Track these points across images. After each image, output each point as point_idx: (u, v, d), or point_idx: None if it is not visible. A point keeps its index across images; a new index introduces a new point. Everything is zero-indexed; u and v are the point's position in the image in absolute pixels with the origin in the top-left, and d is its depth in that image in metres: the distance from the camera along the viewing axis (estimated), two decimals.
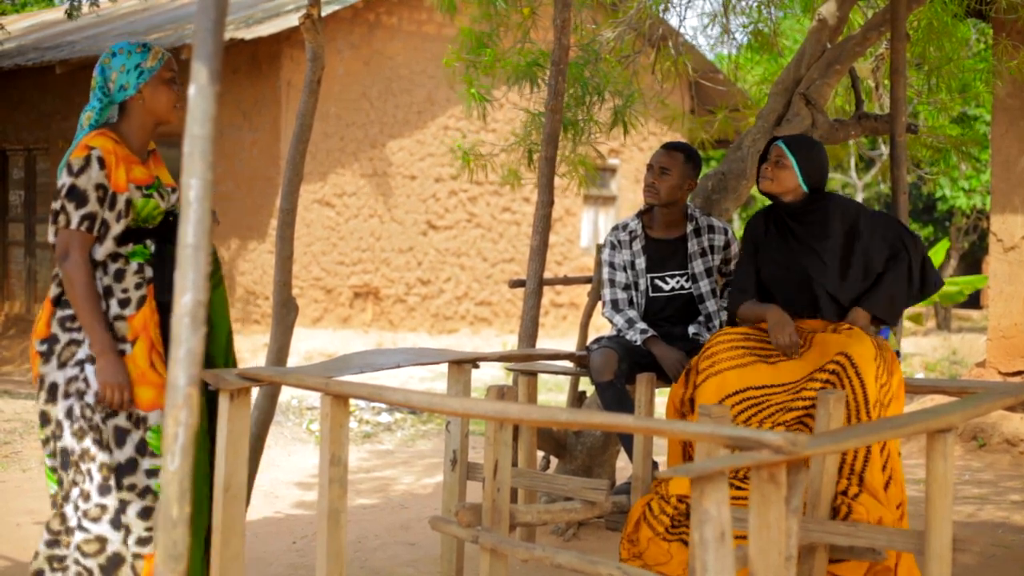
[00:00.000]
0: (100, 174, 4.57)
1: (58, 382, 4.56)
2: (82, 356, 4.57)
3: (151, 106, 4.78)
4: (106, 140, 4.65)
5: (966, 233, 27.08)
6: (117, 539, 4.55)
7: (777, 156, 5.66)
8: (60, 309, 4.62)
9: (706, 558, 3.22)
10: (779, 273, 5.70)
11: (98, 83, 4.76)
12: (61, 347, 4.58)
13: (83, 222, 4.55)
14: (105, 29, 19.63)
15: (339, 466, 4.61)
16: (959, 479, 9.11)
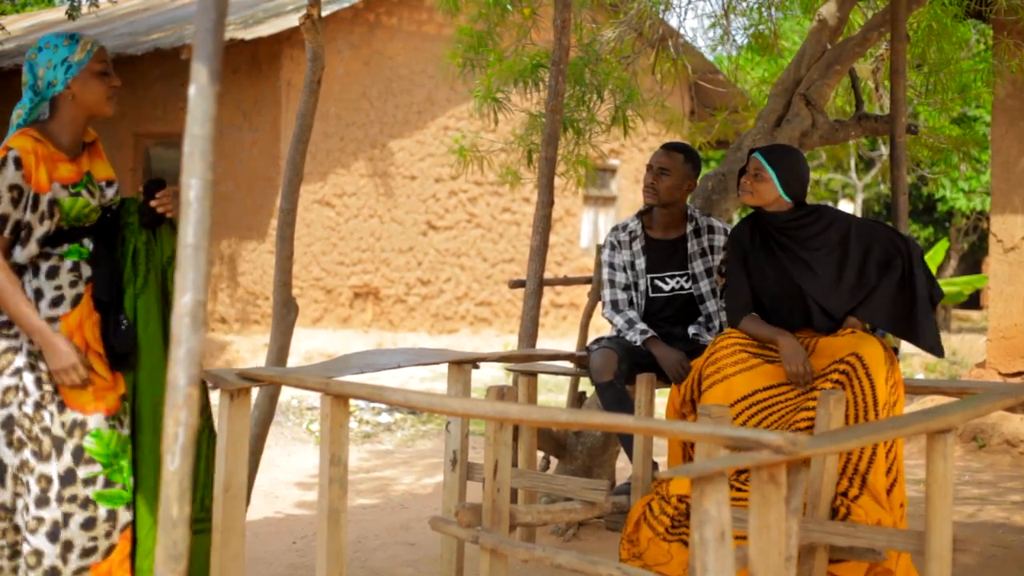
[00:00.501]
0: (16, 175, 4.36)
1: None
2: (19, 364, 4.39)
3: (82, 100, 4.56)
4: (25, 140, 4.44)
5: (966, 234, 27.10)
6: (53, 553, 4.36)
7: (755, 169, 5.61)
8: None
9: (706, 558, 3.23)
10: (769, 285, 5.68)
11: (28, 80, 4.55)
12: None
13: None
14: (105, 29, 19.64)
15: (339, 466, 4.61)
16: (959, 480, 9.12)
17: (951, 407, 4.29)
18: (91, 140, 4.74)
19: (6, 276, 4.34)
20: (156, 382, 4.49)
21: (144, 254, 4.60)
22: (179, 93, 17.35)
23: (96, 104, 4.59)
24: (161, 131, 18.12)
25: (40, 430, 4.37)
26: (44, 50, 4.53)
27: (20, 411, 4.37)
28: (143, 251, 4.56)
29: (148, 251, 4.62)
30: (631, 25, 9.11)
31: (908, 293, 5.54)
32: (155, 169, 18.58)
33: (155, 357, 4.55)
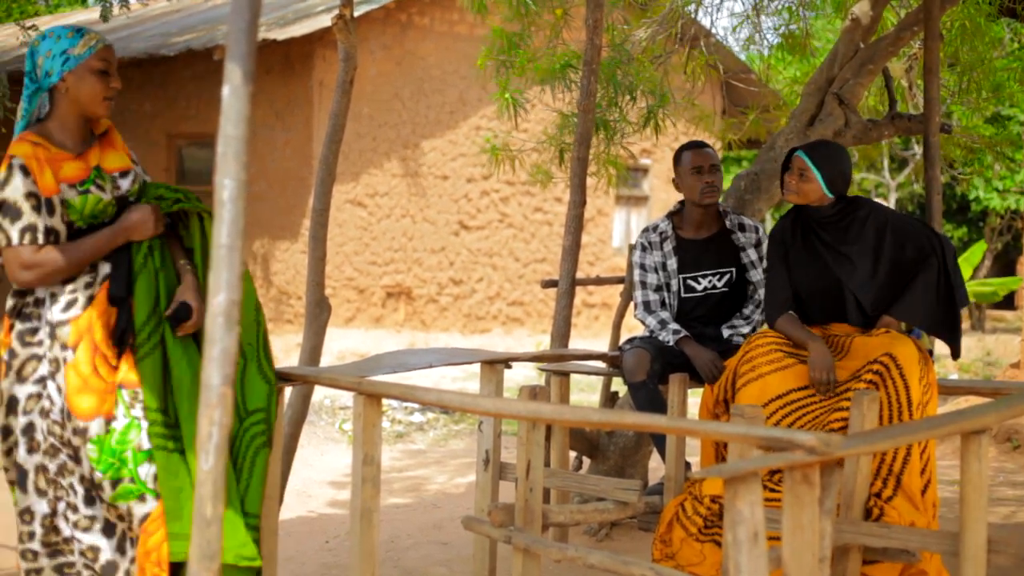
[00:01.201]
0: (27, 182, 4.25)
1: (18, 397, 4.34)
2: (43, 372, 4.33)
3: (75, 95, 4.41)
4: (24, 146, 4.32)
5: (1000, 234, 26.96)
6: (109, 547, 4.35)
7: (800, 168, 5.60)
8: (19, 322, 4.37)
9: (739, 559, 3.22)
10: (808, 279, 5.67)
11: (27, 67, 4.45)
12: (20, 362, 4.34)
13: (24, 234, 4.25)
14: (138, 30, 19.71)
15: (372, 465, 4.61)
16: (993, 481, 9.07)
17: (985, 408, 4.26)
18: (103, 131, 4.62)
19: (57, 251, 4.30)
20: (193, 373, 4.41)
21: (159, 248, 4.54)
22: (212, 93, 17.39)
23: (89, 102, 4.44)
24: (194, 131, 18.18)
25: (71, 433, 4.31)
26: (47, 39, 4.44)
27: (47, 419, 4.32)
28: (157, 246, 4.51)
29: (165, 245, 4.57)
30: (663, 24, 9.09)
31: (943, 292, 5.52)
32: (188, 169, 18.64)
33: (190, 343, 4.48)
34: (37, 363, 4.34)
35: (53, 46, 4.42)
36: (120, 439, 4.29)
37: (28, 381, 4.33)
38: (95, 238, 4.35)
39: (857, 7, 8.01)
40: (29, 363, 4.34)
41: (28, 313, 4.38)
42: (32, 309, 4.38)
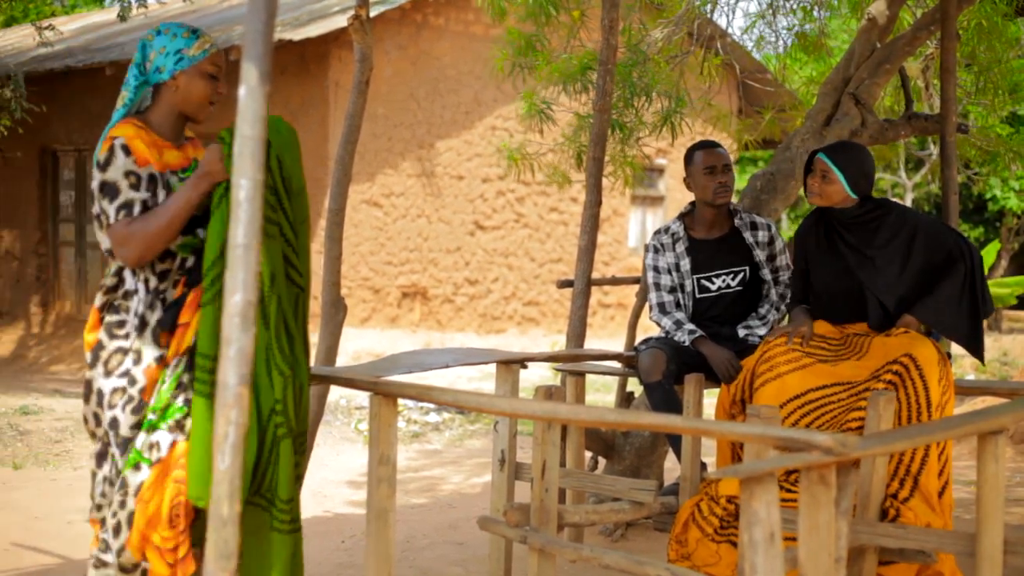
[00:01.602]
0: (127, 161, 4.32)
1: (104, 391, 4.38)
2: (128, 365, 4.36)
3: (184, 95, 4.49)
4: (127, 127, 4.39)
5: (1016, 234, 26.87)
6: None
7: (822, 171, 5.60)
8: (108, 314, 4.42)
9: (755, 559, 3.22)
10: (829, 279, 5.68)
11: (136, 59, 4.50)
12: (108, 354, 4.38)
13: (119, 212, 4.31)
14: None
15: (388, 465, 4.61)
16: (1010, 481, 9.05)
17: (1002, 408, 4.25)
18: (189, 136, 4.71)
19: (148, 217, 4.31)
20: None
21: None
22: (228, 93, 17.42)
23: (197, 104, 4.53)
24: (210, 131, 18.16)
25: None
26: (162, 35, 4.49)
27: (126, 412, 4.35)
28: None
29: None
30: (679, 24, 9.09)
31: (968, 299, 5.51)
32: None
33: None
34: (123, 356, 4.36)
35: (168, 43, 4.48)
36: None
37: (113, 374, 4.36)
38: (176, 195, 4.33)
39: (873, 7, 7.99)
40: (115, 356, 4.37)
41: (117, 306, 4.41)
42: (121, 302, 4.41)
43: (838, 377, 5.38)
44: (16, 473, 9.48)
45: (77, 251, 20.16)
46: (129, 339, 4.39)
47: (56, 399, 14.10)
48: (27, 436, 11.05)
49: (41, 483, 9.12)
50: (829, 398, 5.33)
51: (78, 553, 7.00)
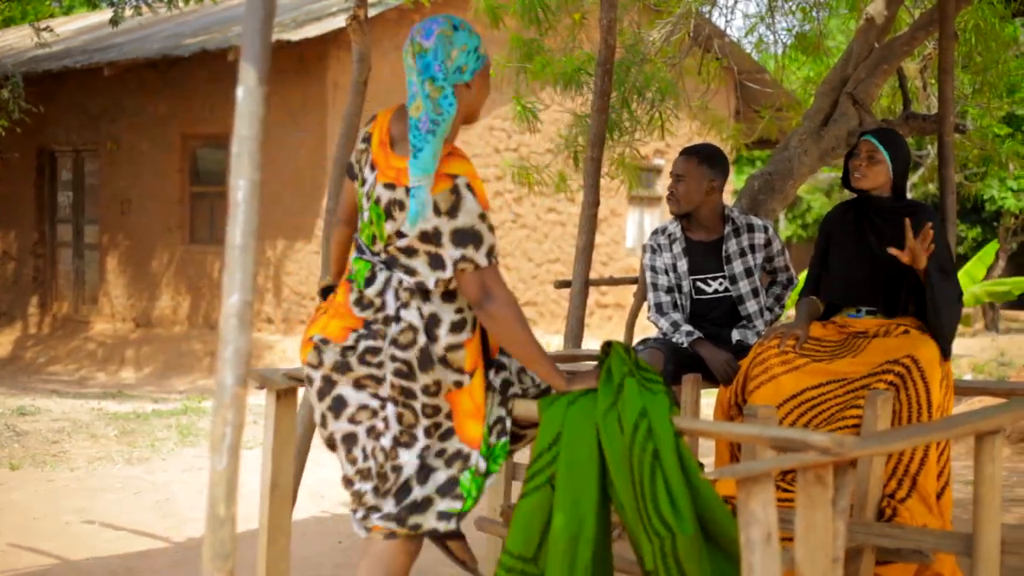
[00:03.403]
0: (475, 203, 3.94)
1: (348, 400, 4.08)
2: (385, 394, 4.06)
3: (476, 99, 4.11)
4: (466, 164, 4.00)
5: (1014, 233, 26.90)
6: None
7: (869, 151, 5.61)
8: (365, 340, 4.06)
9: (753, 560, 3.22)
10: (849, 260, 5.67)
11: (435, 59, 3.95)
12: (359, 376, 4.06)
13: (490, 258, 3.95)
14: (153, 31, 19.76)
15: None
16: (1007, 481, 9.06)
17: (1000, 408, 4.25)
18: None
19: (519, 312, 4.00)
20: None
21: None
22: (226, 94, 17.42)
23: (478, 109, 4.17)
24: (208, 132, 18.21)
25: (391, 468, 4.07)
26: (460, 31, 3.97)
27: (370, 438, 4.07)
28: None
29: None
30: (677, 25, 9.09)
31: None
32: (202, 170, 18.68)
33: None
34: (376, 384, 4.07)
35: (468, 40, 4.00)
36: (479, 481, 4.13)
37: (365, 391, 4.08)
38: (546, 359, 4.05)
39: (871, 7, 8.00)
40: (367, 380, 4.07)
41: (376, 331, 4.07)
42: (381, 327, 4.06)
43: (833, 374, 5.37)
44: (13, 474, 9.48)
45: (75, 252, 20.17)
46: (382, 368, 4.06)
47: (53, 400, 14.10)
48: (24, 437, 11.04)
49: (38, 484, 9.12)
50: (825, 396, 5.33)
51: (75, 554, 7.00)
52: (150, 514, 8.16)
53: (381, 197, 4.00)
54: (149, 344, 18.29)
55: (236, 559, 2.47)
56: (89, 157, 19.90)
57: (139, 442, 10.98)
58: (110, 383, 16.88)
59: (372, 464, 4.09)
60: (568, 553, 3.95)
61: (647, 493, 3.89)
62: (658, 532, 3.87)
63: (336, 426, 4.12)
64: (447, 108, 3.92)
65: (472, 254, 3.91)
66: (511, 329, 3.95)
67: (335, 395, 4.10)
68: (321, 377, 4.11)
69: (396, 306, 4.02)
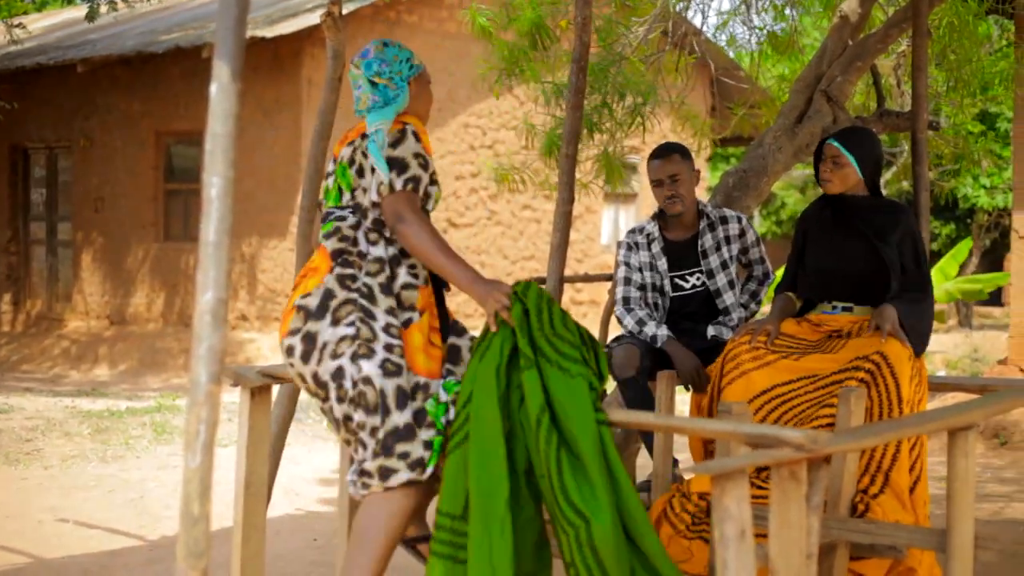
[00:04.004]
0: (417, 145, 4.55)
1: (329, 340, 4.36)
2: (357, 316, 4.37)
3: (419, 102, 4.76)
4: (414, 119, 4.64)
5: (988, 230, 27.01)
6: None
7: (833, 155, 5.59)
8: (340, 267, 4.46)
9: (727, 556, 3.23)
10: (825, 256, 5.67)
11: (376, 61, 4.66)
12: (338, 303, 4.40)
13: (407, 184, 4.48)
14: (126, 28, 19.69)
15: None
16: (981, 477, 9.10)
17: (972, 404, 4.28)
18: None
19: (432, 230, 4.44)
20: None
21: None
22: (200, 91, 17.36)
23: (423, 114, 4.79)
24: (182, 129, 18.16)
25: (363, 381, 4.32)
26: (389, 47, 4.70)
27: (352, 364, 4.33)
28: None
29: None
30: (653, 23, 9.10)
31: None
32: (176, 167, 18.64)
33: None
34: (352, 308, 4.40)
35: (398, 52, 4.70)
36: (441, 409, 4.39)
37: (341, 323, 4.37)
38: (452, 256, 4.44)
39: (845, 5, 8.02)
40: (345, 306, 4.40)
41: (351, 262, 4.49)
42: (355, 259, 4.50)
43: (804, 371, 5.38)
44: None
45: (48, 249, 20.09)
46: (357, 292, 4.47)
47: (27, 398, 14.05)
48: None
49: (11, 482, 9.09)
50: (796, 392, 5.34)
51: (49, 552, 6.98)
52: (124, 512, 8.14)
53: (343, 156, 4.65)
54: (123, 342, 18.24)
55: (210, 557, 2.47)
56: (63, 154, 19.83)
57: (113, 440, 10.95)
58: (84, 381, 16.83)
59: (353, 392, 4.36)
60: (484, 509, 4.17)
61: (556, 485, 4.09)
62: (572, 523, 4.03)
63: (322, 367, 4.39)
64: (400, 83, 4.65)
65: (393, 179, 4.46)
66: (423, 247, 4.38)
67: (319, 342, 4.39)
68: (302, 337, 4.41)
69: (367, 244, 4.51)
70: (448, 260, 4.40)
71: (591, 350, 4.39)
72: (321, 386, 4.39)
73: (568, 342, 4.32)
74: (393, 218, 4.43)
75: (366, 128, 4.61)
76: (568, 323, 4.40)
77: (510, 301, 4.36)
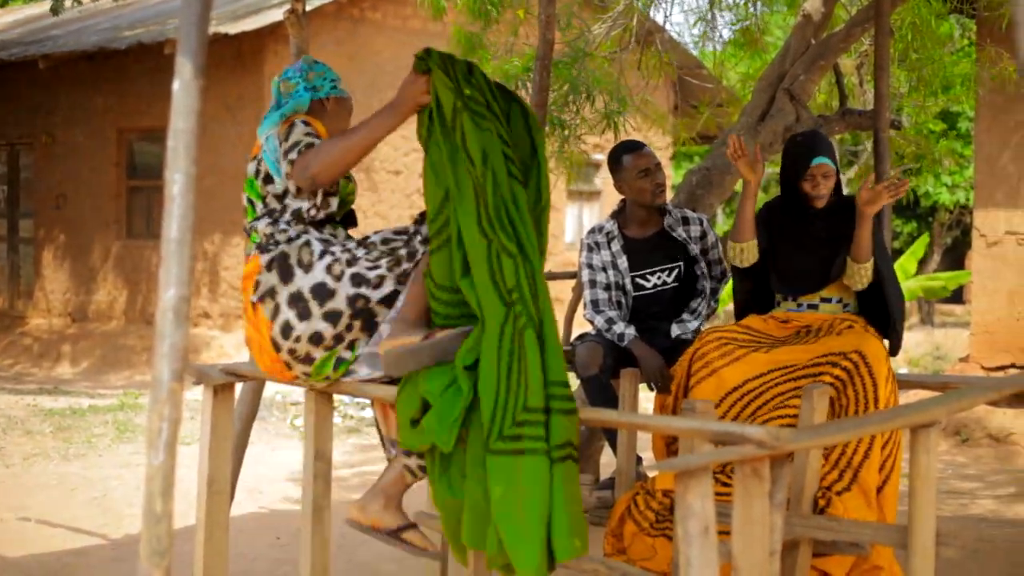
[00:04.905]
0: (306, 127, 4.54)
1: (321, 279, 4.40)
2: (320, 247, 4.46)
3: (335, 122, 4.81)
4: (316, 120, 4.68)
5: (949, 228, 27.17)
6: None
7: (824, 172, 5.64)
8: (271, 248, 4.48)
9: (690, 553, 3.23)
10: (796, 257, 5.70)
11: (294, 72, 4.79)
12: (295, 256, 4.44)
13: (293, 149, 4.48)
14: (89, 24, 19.60)
15: (323, 461, 4.61)
16: (943, 474, 9.14)
17: (934, 401, 4.29)
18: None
19: (327, 143, 4.47)
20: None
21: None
22: (163, 88, 17.29)
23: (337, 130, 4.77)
24: (145, 126, 18.08)
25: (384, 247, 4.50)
26: (318, 64, 4.83)
27: (357, 263, 4.44)
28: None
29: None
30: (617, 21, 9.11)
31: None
32: (139, 163, 18.56)
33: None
34: (308, 247, 4.45)
35: (326, 71, 4.82)
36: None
37: (314, 264, 4.43)
38: (374, 120, 4.53)
39: (808, 4, 8.05)
40: (302, 251, 4.44)
41: (278, 240, 4.48)
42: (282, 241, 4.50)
43: (776, 363, 5.39)
44: None
45: (9, 246, 19.98)
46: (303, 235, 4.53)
47: None
48: None
49: None
50: (768, 385, 5.35)
51: (11, 551, 6.95)
52: (87, 510, 8.11)
53: (249, 172, 4.66)
54: (85, 339, 18.16)
55: (173, 555, 2.46)
56: (24, 150, 19.72)
57: (75, 438, 10.90)
58: (46, 379, 16.74)
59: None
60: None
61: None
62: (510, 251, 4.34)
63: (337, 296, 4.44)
64: (296, 96, 4.69)
65: (291, 155, 4.45)
66: (343, 151, 4.44)
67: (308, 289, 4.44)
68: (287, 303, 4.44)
69: (291, 228, 4.51)
70: (366, 132, 4.48)
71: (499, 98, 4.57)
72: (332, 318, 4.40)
73: (480, 94, 4.50)
74: (306, 178, 4.44)
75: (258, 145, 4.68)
76: (475, 72, 4.55)
77: (425, 83, 4.47)
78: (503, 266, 4.24)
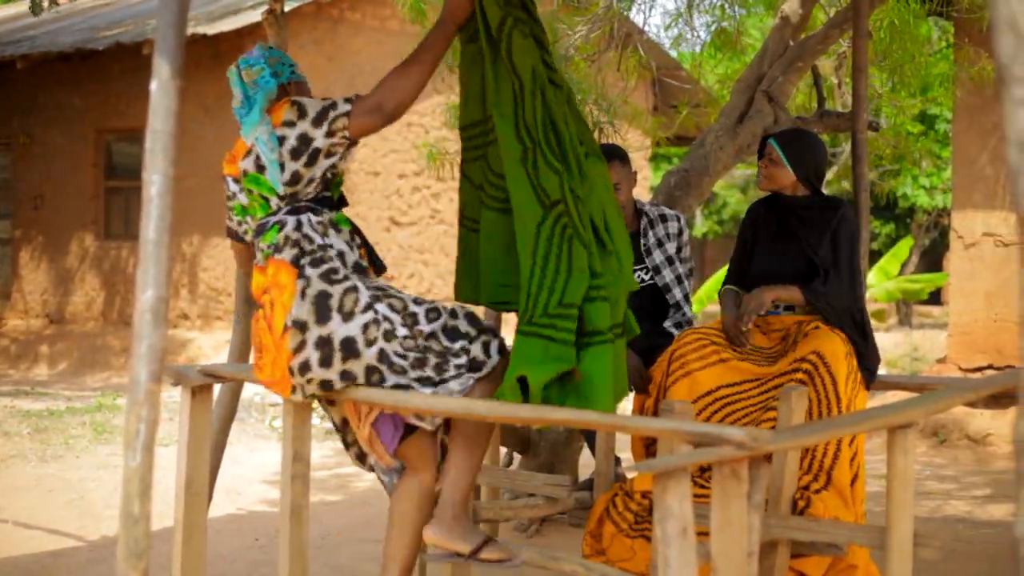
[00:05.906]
0: (315, 100, 4.58)
1: (354, 335, 4.31)
2: (367, 300, 4.36)
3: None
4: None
5: (927, 230, 27.22)
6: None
7: (769, 153, 5.68)
8: (312, 267, 4.39)
9: (668, 554, 3.23)
10: (772, 259, 5.71)
11: (254, 58, 4.91)
12: (337, 300, 4.32)
13: (348, 101, 4.52)
14: (66, 24, 19.54)
15: (302, 463, 4.60)
16: (920, 475, 9.17)
17: (912, 402, 4.31)
18: None
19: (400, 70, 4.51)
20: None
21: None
22: (141, 88, 17.26)
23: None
24: (122, 126, 18.03)
25: (424, 342, 4.44)
26: (276, 50, 4.89)
27: (396, 340, 4.36)
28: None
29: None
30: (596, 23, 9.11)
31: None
32: (116, 164, 18.50)
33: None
34: (355, 294, 4.36)
35: (284, 58, 4.86)
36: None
37: (356, 313, 4.34)
38: (425, 43, 4.54)
39: (787, 5, 8.06)
40: (348, 296, 4.35)
41: (320, 258, 4.41)
42: (320, 254, 4.43)
43: (749, 373, 5.41)
44: None
45: None
46: (351, 279, 4.44)
47: None
48: None
49: None
50: (739, 395, 5.37)
51: None
52: (64, 512, 8.08)
53: (245, 169, 4.68)
54: (63, 340, 18.10)
55: (151, 557, 2.45)
56: (1, 151, 19.65)
57: (53, 440, 10.87)
58: (23, 380, 16.68)
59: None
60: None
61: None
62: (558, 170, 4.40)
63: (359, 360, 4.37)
64: (263, 83, 4.76)
65: (340, 110, 4.47)
66: (415, 78, 4.48)
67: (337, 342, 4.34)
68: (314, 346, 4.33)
69: (320, 237, 4.46)
70: (428, 52, 4.52)
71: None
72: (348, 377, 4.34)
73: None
74: (377, 119, 4.47)
75: (247, 145, 4.71)
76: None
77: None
78: (541, 174, 4.36)
